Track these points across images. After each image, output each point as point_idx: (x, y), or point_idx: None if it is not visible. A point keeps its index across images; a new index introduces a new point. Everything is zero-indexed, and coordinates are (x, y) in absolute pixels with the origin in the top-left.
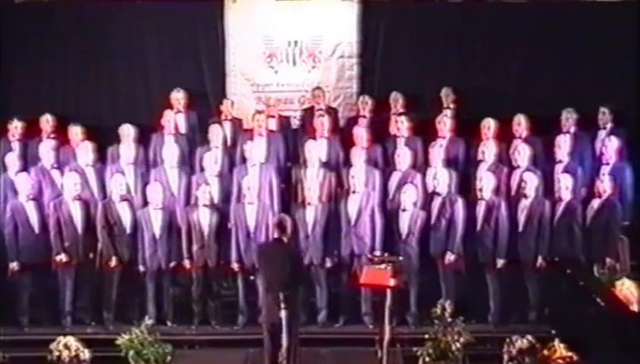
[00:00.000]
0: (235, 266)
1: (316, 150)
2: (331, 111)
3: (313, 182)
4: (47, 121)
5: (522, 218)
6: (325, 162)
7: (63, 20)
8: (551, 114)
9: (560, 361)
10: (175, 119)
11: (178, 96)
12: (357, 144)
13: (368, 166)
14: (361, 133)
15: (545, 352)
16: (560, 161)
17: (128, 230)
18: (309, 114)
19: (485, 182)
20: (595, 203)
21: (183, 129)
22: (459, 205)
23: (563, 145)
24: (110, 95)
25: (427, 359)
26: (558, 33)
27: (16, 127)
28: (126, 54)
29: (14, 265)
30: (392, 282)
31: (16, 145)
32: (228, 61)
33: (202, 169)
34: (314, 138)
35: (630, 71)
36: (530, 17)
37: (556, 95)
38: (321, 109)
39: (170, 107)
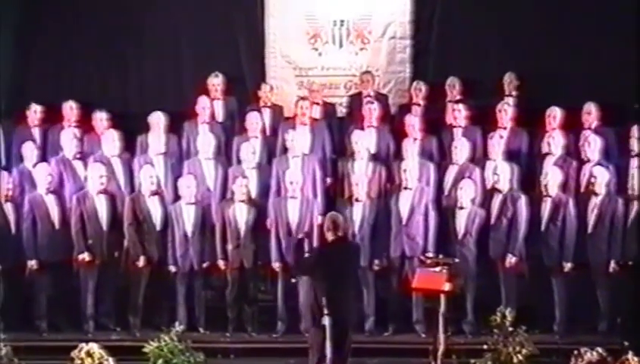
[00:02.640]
0: (276, 266)
1: (364, 141)
2: (381, 98)
3: (361, 176)
4: (70, 108)
5: (591, 217)
6: (374, 154)
7: None
8: (625, 102)
9: None
10: (212, 106)
11: (215, 81)
12: (409, 134)
13: (422, 159)
14: (414, 123)
15: None
16: (636, 155)
17: (158, 227)
18: (356, 100)
19: (551, 177)
20: None
21: (220, 117)
22: (522, 202)
23: None
24: (137, 78)
25: None
26: (634, 12)
27: (35, 111)
28: (155, 34)
29: (32, 264)
30: (447, 287)
31: (36, 133)
32: (268, 42)
33: (238, 161)
34: (361, 128)
35: None
36: None
37: (631, 81)
38: (369, 96)
39: (206, 93)
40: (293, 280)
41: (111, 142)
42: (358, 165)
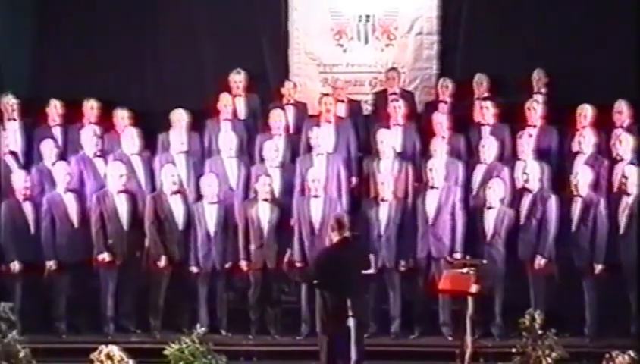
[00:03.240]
0: (298, 267)
1: (389, 140)
2: (407, 95)
3: (387, 175)
4: (91, 108)
5: (623, 217)
6: (400, 153)
7: None
8: None
9: None
10: (234, 103)
11: (237, 78)
12: (436, 132)
13: (450, 157)
14: (441, 120)
15: None
16: None
17: (180, 227)
18: (381, 98)
19: (582, 176)
20: None
21: (242, 114)
22: (552, 202)
23: None
24: (158, 75)
25: None
26: None
27: (55, 106)
28: (176, 30)
29: (50, 264)
30: (474, 288)
31: (56, 131)
32: (291, 37)
33: (261, 159)
34: (387, 126)
35: None
36: None
37: None
38: (395, 93)
39: (228, 90)
40: (315, 282)
41: (130, 140)
42: (384, 164)
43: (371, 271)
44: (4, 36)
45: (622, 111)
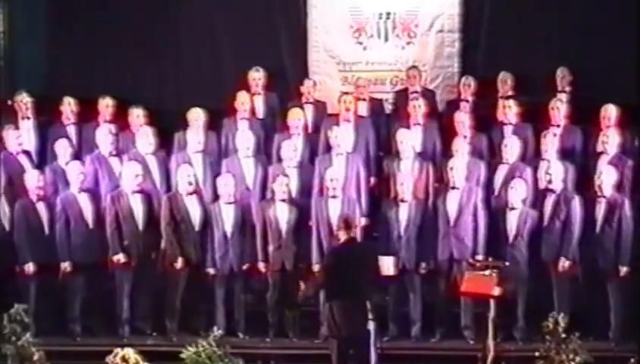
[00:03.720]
0: (317, 269)
1: (409, 140)
2: (428, 94)
3: (407, 175)
4: (107, 106)
5: None
6: (420, 153)
7: None
8: None
9: None
10: (252, 102)
11: (256, 76)
12: (458, 132)
13: (472, 157)
14: (463, 119)
15: None
16: None
17: (196, 228)
18: (402, 97)
19: (605, 177)
20: None
21: (260, 113)
22: (576, 203)
23: None
24: (174, 73)
25: None
26: None
27: (69, 104)
28: (193, 27)
29: (65, 266)
30: (497, 291)
31: (70, 130)
32: (310, 35)
33: (279, 159)
34: (406, 126)
35: None
36: None
37: None
38: (415, 91)
39: (246, 88)
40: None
41: (145, 139)
42: (404, 164)
43: (391, 272)
44: (18, 33)
45: None
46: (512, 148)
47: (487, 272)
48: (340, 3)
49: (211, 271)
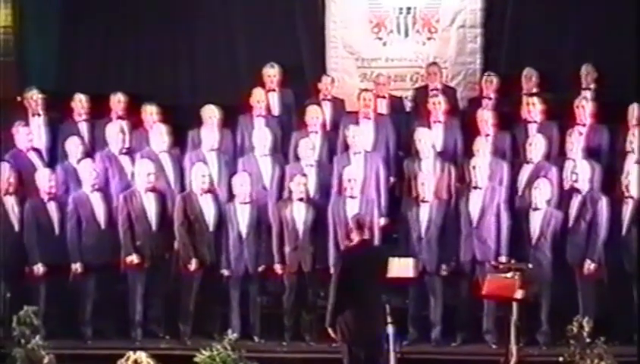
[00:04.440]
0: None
1: (427, 139)
2: (448, 91)
3: (428, 175)
4: (119, 102)
5: None
6: (441, 152)
7: None
8: None
9: None
10: (267, 99)
11: (271, 72)
12: (480, 130)
13: (494, 157)
14: (485, 117)
15: None
16: None
17: (211, 228)
18: (422, 94)
19: (633, 177)
20: None
21: (276, 110)
22: (603, 204)
23: None
24: (189, 69)
25: None
26: None
27: (80, 100)
28: (208, 22)
29: (76, 267)
30: (520, 294)
31: (82, 127)
32: (328, 30)
33: (297, 157)
34: (426, 124)
35: None
36: None
37: None
38: (436, 88)
39: (261, 84)
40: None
41: (159, 136)
42: (425, 164)
43: (410, 274)
44: (30, 29)
45: None
46: (537, 146)
47: (509, 275)
48: None
49: (225, 272)
